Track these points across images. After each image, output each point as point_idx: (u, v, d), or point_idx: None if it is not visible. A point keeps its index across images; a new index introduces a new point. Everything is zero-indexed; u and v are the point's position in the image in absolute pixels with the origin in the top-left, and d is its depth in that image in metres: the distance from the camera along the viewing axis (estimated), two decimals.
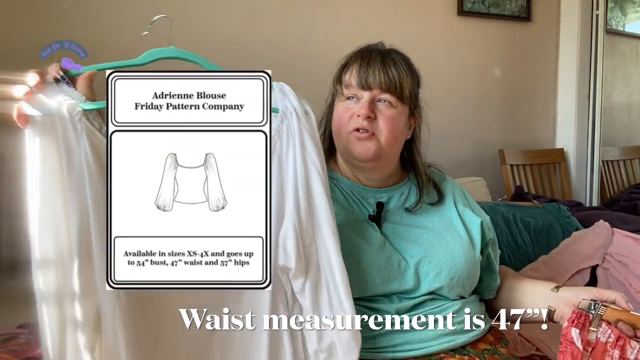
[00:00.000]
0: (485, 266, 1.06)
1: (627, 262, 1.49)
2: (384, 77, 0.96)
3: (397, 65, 0.98)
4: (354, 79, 0.98)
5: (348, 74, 0.99)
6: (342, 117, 0.99)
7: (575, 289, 0.98)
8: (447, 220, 1.03)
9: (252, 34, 1.76)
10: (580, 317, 0.87)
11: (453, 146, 2.22)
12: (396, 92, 0.97)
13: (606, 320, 0.87)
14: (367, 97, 0.97)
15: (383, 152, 0.98)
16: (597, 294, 0.93)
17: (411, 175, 1.08)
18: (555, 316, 0.97)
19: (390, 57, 0.99)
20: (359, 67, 0.98)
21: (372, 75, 0.96)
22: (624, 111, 3.04)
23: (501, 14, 2.32)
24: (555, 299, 0.98)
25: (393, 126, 0.97)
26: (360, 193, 1.03)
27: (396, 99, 0.97)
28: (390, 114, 0.97)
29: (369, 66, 0.97)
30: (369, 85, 0.97)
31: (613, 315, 0.87)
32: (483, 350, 0.96)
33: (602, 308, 0.88)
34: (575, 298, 0.95)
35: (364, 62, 0.98)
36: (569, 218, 1.82)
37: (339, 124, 0.99)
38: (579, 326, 0.86)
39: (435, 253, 0.97)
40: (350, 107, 0.98)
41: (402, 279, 0.95)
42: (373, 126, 0.96)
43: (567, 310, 0.94)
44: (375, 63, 0.97)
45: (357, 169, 1.02)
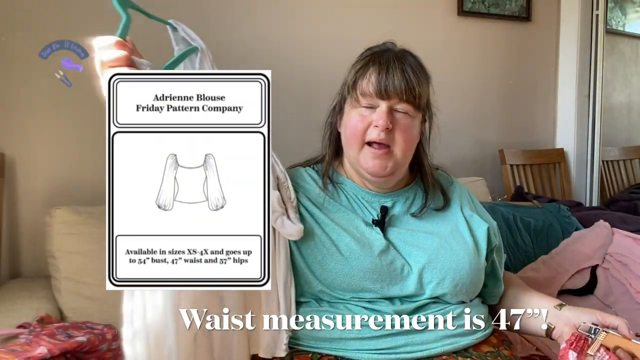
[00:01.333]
0: (490, 272, 1.05)
1: (627, 262, 1.49)
2: (404, 86, 0.93)
3: (415, 71, 0.94)
4: (372, 87, 0.94)
5: (365, 81, 0.95)
6: (356, 126, 0.95)
7: (578, 310, 0.96)
8: (453, 225, 1.01)
9: (252, 33, 1.77)
10: (579, 341, 0.86)
11: (453, 146, 2.22)
12: (414, 102, 0.94)
13: (605, 346, 0.86)
14: (384, 107, 0.93)
15: (399, 166, 0.96)
16: (600, 318, 0.92)
17: (418, 179, 1.07)
18: (553, 334, 0.96)
19: (407, 62, 0.95)
20: (377, 73, 0.94)
21: (392, 84, 0.92)
22: (624, 111, 3.03)
23: (501, 14, 2.32)
24: (556, 317, 0.96)
25: (409, 136, 0.95)
26: (365, 197, 1.02)
27: (413, 108, 0.95)
28: (407, 123, 0.94)
29: (388, 73, 0.93)
30: (388, 95, 0.93)
31: (612, 341, 0.86)
32: (486, 353, 0.95)
33: (602, 333, 0.87)
34: (577, 319, 0.93)
35: (383, 69, 0.94)
36: (569, 218, 1.82)
37: (352, 133, 0.96)
38: (577, 350, 0.85)
39: (439, 259, 0.95)
40: (365, 115, 0.95)
41: (404, 284, 0.94)
42: (389, 137, 0.93)
43: (567, 330, 0.93)
44: (394, 70, 0.93)
45: (368, 179, 1.00)
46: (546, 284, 1.47)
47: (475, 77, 2.29)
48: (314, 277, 0.94)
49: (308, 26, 1.88)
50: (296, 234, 0.92)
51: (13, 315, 1.17)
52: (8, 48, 1.44)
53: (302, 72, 1.81)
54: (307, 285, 0.95)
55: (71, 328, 1.12)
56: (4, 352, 0.92)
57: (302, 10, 1.87)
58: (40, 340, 1.00)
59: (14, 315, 1.17)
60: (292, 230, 0.91)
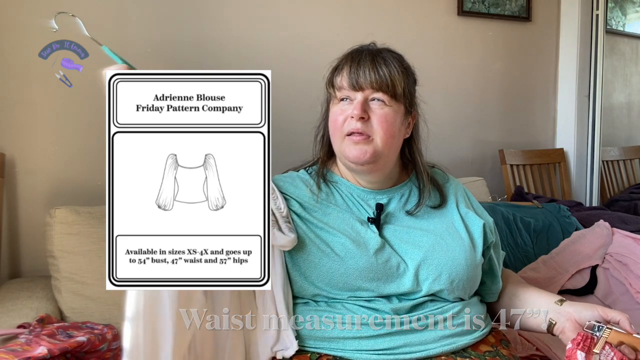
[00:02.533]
0: (487, 269, 1.05)
1: (627, 262, 1.49)
2: (375, 76, 0.95)
3: (387, 63, 0.97)
4: (345, 80, 0.97)
5: (339, 77, 0.98)
6: (336, 120, 0.98)
7: (579, 305, 0.96)
8: (449, 222, 1.02)
9: (253, 33, 1.77)
10: (585, 340, 0.86)
11: (453, 146, 2.22)
12: (388, 90, 0.96)
13: (609, 342, 0.86)
14: (359, 98, 0.95)
15: (380, 154, 0.96)
16: (601, 313, 0.92)
17: (412, 176, 1.07)
18: (555, 329, 0.96)
19: (380, 55, 0.98)
20: (349, 68, 0.97)
21: (363, 75, 0.95)
22: (624, 111, 3.03)
23: (501, 14, 2.32)
24: (557, 312, 0.97)
25: (388, 125, 0.96)
26: (360, 195, 1.02)
27: (389, 97, 0.96)
28: (383, 112, 0.96)
29: (359, 66, 0.96)
30: (360, 86, 0.96)
31: (616, 337, 0.86)
32: (484, 352, 0.95)
33: (606, 330, 0.87)
34: (578, 314, 0.94)
35: (354, 63, 0.97)
36: (569, 218, 1.82)
37: (334, 127, 0.98)
38: (585, 349, 0.85)
39: (435, 256, 0.96)
40: (344, 109, 0.97)
41: (400, 281, 0.94)
42: (367, 127, 0.95)
43: (568, 325, 0.93)
44: (365, 63, 0.96)
45: (355, 171, 1.02)
46: (546, 284, 1.47)
47: (475, 77, 2.29)
48: (309, 283, 0.94)
49: (308, 26, 1.88)
50: (288, 244, 0.93)
51: (13, 315, 1.17)
52: (8, 48, 1.44)
53: (302, 72, 1.81)
54: (302, 291, 0.96)
55: (71, 328, 1.12)
56: (4, 352, 0.92)
57: (302, 10, 1.87)
58: (40, 340, 1.00)
59: (14, 315, 1.17)
60: (283, 242, 0.92)
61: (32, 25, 1.44)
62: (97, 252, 1.29)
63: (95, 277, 1.28)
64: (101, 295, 1.27)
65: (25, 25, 1.45)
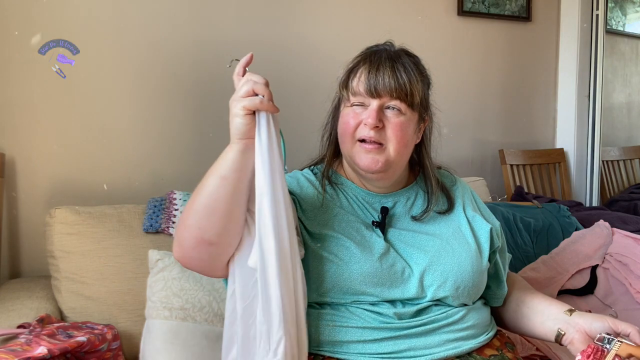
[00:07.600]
0: (493, 274, 1.03)
1: (627, 262, 1.49)
2: (395, 84, 0.91)
3: (407, 70, 0.92)
4: (362, 85, 0.92)
5: (356, 80, 0.94)
6: (348, 123, 0.94)
7: (589, 317, 0.94)
8: (455, 226, 0.99)
9: (253, 33, 1.77)
10: (596, 353, 0.85)
11: (453, 146, 2.22)
12: (407, 100, 0.92)
13: (618, 355, 0.85)
14: (375, 106, 0.91)
15: (392, 163, 0.94)
16: (611, 324, 0.90)
17: (419, 178, 1.05)
18: (564, 340, 0.94)
19: (400, 61, 0.93)
20: (367, 72, 0.92)
21: (382, 82, 0.91)
22: (624, 111, 3.03)
23: (501, 14, 2.32)
24: (566, 323, 0.95)
25: (402, 134, 0.93)
26: (366, 198, 1.00)
27: (406, 106, 0.92)
28: (399, 121, 0.92)
29: (378, 72, 0.91)
30: (378, 93, 0.91)
31: (625, 350, 0.86)
32: (489, 356, 0.94)
33: (617, 343, 0.86)
34: (588, 325, 0.92)
35: (373, 68, 0.92)
36: (569, 218, 1.82)
37: (345, 130, 0.95)
38: None
39: (441, 261, 0.94)
40: (358, 112, 0.93)
41: (405, 287, 0.92)
42: (381, 136, 0.92)
43: (577, 336, 0.92)
44: (384, 69, 0.91)
45: (364, 177, 0.99)
46: (546, 284, 1.47)
47: (475, 77, 2.29)
48: (311, 290, 0.91)
49: (308, 26, 1.88)
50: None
51: (13, 315, 1.17)
52: (8, 48, 1.44)
53: (302, 72, 1.81)
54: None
55: (71, 328, 1.12)
56: (4, 352, 0.91)
57: (302, 10, 1.87)
58: (40, 340, 1.00)
59: (14, 315, 1.17)
60: None
61: (33, 25, 1.44)
62: (97, 252, 1.29)
63: (95, 277, 1.27)
64: (101, 295, 1.27)
65: (25, 26, 1.44)
